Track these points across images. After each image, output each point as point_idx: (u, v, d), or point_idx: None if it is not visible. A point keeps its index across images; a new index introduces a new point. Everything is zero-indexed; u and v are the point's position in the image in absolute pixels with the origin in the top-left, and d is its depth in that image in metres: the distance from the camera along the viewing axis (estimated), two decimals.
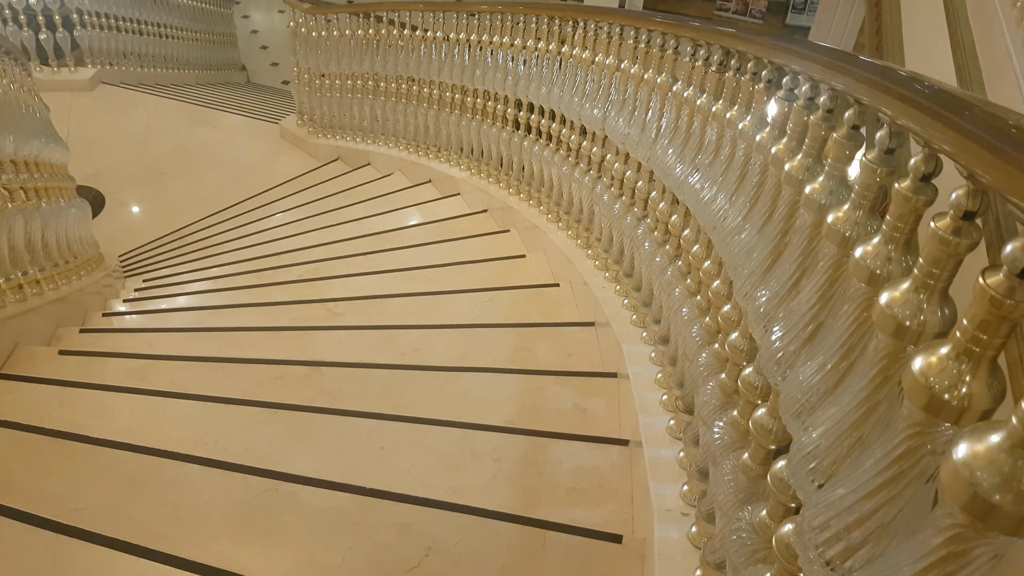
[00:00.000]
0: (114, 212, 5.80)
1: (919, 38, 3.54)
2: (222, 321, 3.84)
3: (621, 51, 3.26)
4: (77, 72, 7.22)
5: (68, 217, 4.01)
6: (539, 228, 4.23)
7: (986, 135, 0.78)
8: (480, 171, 5.05)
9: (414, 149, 5.76)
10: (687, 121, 2.57)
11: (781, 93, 1.72)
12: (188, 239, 5.35)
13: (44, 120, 4.26)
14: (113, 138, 6.61)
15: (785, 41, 1.70)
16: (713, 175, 2.26)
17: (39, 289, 3.42)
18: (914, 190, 1.01)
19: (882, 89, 1.09)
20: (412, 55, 5.40)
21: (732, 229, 1.97)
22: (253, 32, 12.17)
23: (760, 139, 1.82)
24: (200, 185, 6.15)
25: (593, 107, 3.53)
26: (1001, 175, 0.74)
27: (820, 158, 1.49)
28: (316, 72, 6.30)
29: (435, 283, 4.04)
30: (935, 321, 0.95)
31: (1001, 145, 0.74)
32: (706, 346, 2.21)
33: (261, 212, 5.60)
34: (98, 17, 7.35)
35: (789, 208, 1.61)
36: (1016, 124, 0.76)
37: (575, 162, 3.89)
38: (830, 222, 1.27)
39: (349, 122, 6.33)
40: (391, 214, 5.11)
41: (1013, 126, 0.76)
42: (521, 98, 4.38)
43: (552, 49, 3.98)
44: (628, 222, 3.23)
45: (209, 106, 7.67)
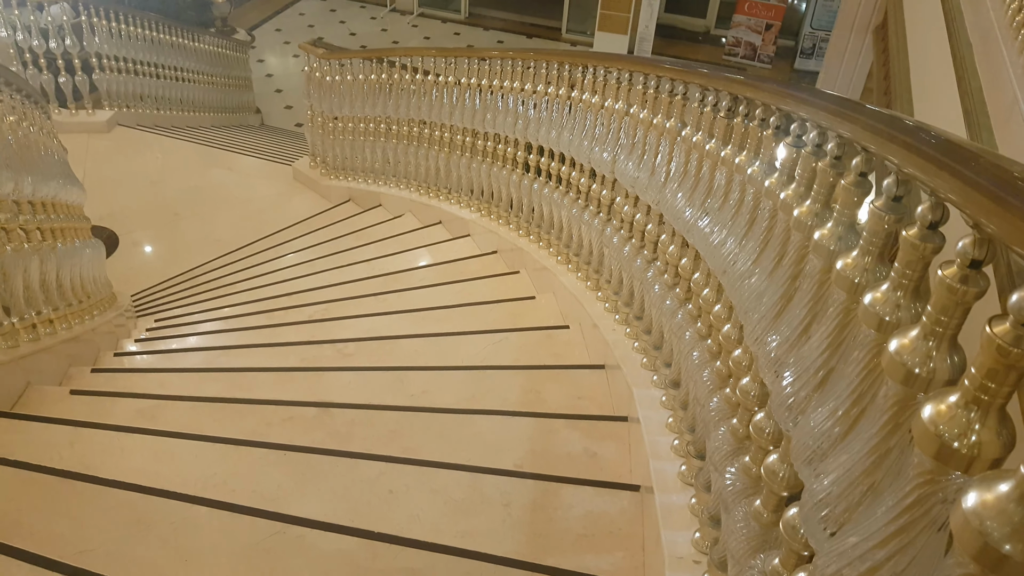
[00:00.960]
0: (128, 252, 5.86)
1: (927, 84, 3.57)
2: (232, 361, 3.85)
3: (630, 96, 3.30)
4: (95, 114, 7.35)
5: (83, 257, 4.05)
6: (549, 270, 4.25)
7: (991, 185, 0.79)
8: (490, 213, 5.08)
9: (425, 191, 5.82)
10: (696, 165, 2.59)
11: (789, 139, 1.74)
12: (200, 279, 5.39)
13: (62, 162, 4.33)
14: (128, 179, 6.70)
15: (792, 88, 1.72)
16: (723, 219, 2.27)
17: (52, 329, 3.45)
18: (921, 238, 1.01)
19: (888, 137, 1.11)
20: (424, 99, 5.48)
21: (742, 273, 1.97)
22: (268, 76, 12.38)
23: (769, 184, 1.83)
24: (213, 225, 6.21)
25: (603, 151, 3.56)
26: (1005, 225, 0.75)
27: (828, 204, 1.50)
28: (329, 115, 6.40)
29: (445, 324, 4.04)
30: (944, 368, 0.95)
31: (1005, 196, 0.75)
32: (717, 390, 2.20)
33: (273, 252, 5.64)
34: (117, 61, 7.49)
35: (798, 253, 1.62)
36: (1021, 175, 0.77)
37: (584, 205, 3.91)
38: (839, 268, 1.27)
39: (361, 164, 6.40)
40: (402, 255, 5.14)
41: (1019, 177, 0.77)
42: (531, 141, 4.43)
43: (562, 94, 4.04)
44: (638, 265, 3.24)
45: (223, 148, 7.78)
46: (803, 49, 12.79)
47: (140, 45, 7.79)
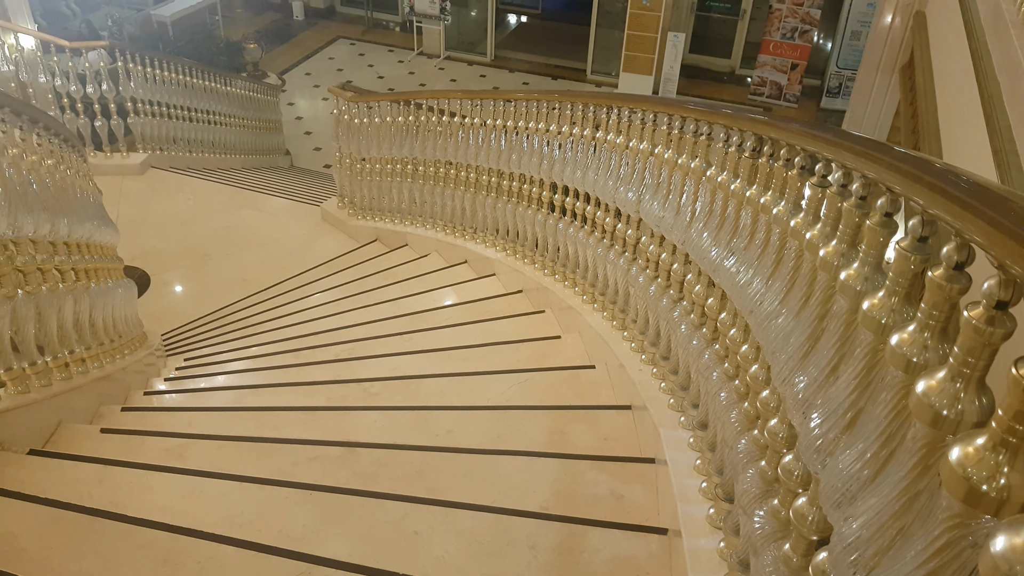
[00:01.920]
0: (159, 292, 5.95)
1: (955, 122, 3.55)
2: (260, 400, 3.87)
3: (655, 136, 3.32)
4: (129, 157, 7.52)
5: (115, 297, 4.12)
6: (574, 309, 4.24)
7: (1015, 227, 0.78)
8: (515, 252, 5.11)
9: (451, 231, 5.86)
10: (721, 205, 2.59)
11: (814, 179, 1.74)
12: (229, 318, 5.45)
13: (97, 204, 4.43)
14: (160, 220, 6.83)
15: (817, 129, 1.72)
16: (749, 259, 2.26)
17: (85, 368, 3.50)
18: (948, 278, 1.01)
19: (913, 178, 1.11)
20: (450, 140, 5.55)
21: (769, 313, 1.96)
22: (298, 118, 12.62)
23: (794, 224, 1.83)
24: (242, 265, 6.30)
25: (628, 190, 3.57)
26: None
27: (854, 244, 1.49)
28: (357, 156, 6.49)
29: (470, 364, 4.04)
30: (973, 410, 0.93)
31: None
32: (745, 432, 2.17)
33: (300, 292, 5.70)
34: (151, 105, 7.68)
35: (825, 293, 1.61)
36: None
37: (610, 244, 3.92)
38: (865, 309, 1.26)
39: (388, 204, 6.48)
40: (427, 294, 5.17)
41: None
42: (556, 181, 4.45)
43: (587, 134, 4.07)
44: (664, 304, 3.23)
45: (253, 189, 7.91)
46: (829, 88, 12.80)
47: (174, 89, 7.99)
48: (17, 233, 2.92)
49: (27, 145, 3.36)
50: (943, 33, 4.46)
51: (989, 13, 3.38)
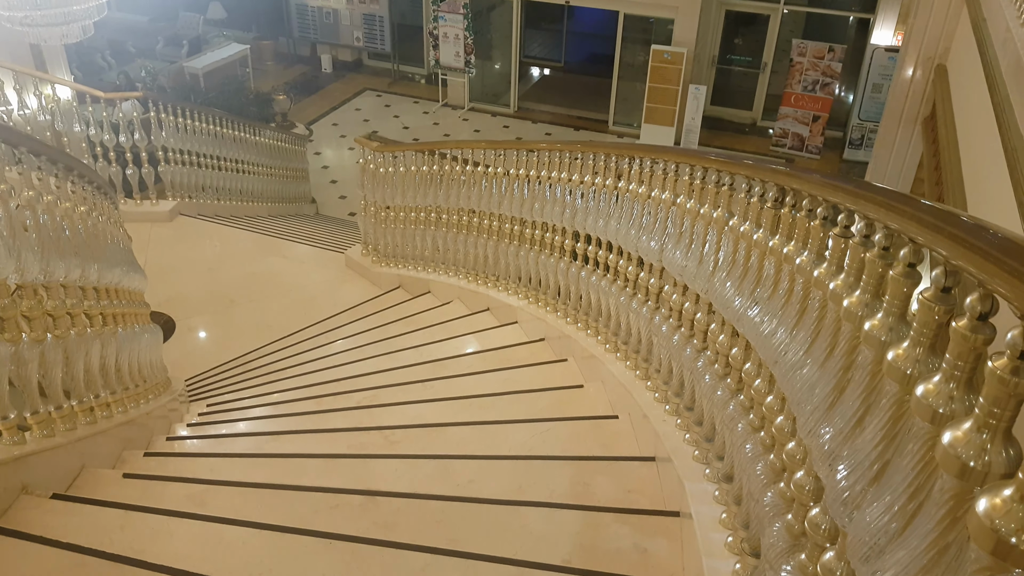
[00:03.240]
0: (184, 337, 6.01)
1: (979, 174, 3.55)
2: (281, 447, 3.87)
3: (677, 186, 3.34)
4: (158, 204, 7.67)
5: (141, 342, 4.16)
6: (597, 358, 4.23)
7: None
8: (538, 300, 5.11)
9: (473, 278, 5.89)
10: (744, 255, 2.59)
11: (837, 230, 1.74)
12: (252, 364, 5.48)
13: (126, 250, 4.51)
14: (187, 266, 6.93)
15: (839, 180, 1.73)
16: (772, 309, 2.25)
17: (109, 412, 3.53)
18: (972, 329, 1.00)
19: (935, 229, 1.11)
20: (473, 189, 5.61)
21: (794, 364, 1.95)
22: (324, 167, 12.83)
23: (818, 274, 1.82)
24: (266, 312, 6.35)
25: (650, 239, 3.58)
26: None
27: (878, 294, 1.49)
28: (381, 205, 6.58)
29: (492, 412, 4.03)
30: (1000, 462, 0.92)
31: None
32: (771, 484, 2.14)
33: (323, 339, 5.73)
34: (181, 154, 7.86)
35: (850, 344, 1.60)
36: None
37: (632, 292, 3.92)
38: (890, 360, 1.25)
39: (411, 252, 6.54)
40: (449, 342, 5.18)
41: None
42: (578, 230, 4.48)
43: (609, 184, 4.10)
44: (687, 354, 3.21)
45: (279, 236, 8.02)
46: (852, 140, 12.84)
47: (204, 139, 8.17)
48: (48, 278, 2.97)
49: (61, 192, 3.44)
50: (965, 86, 4.47)
51: (1010, 66, 3.39)
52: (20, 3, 5.65)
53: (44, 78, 7.14)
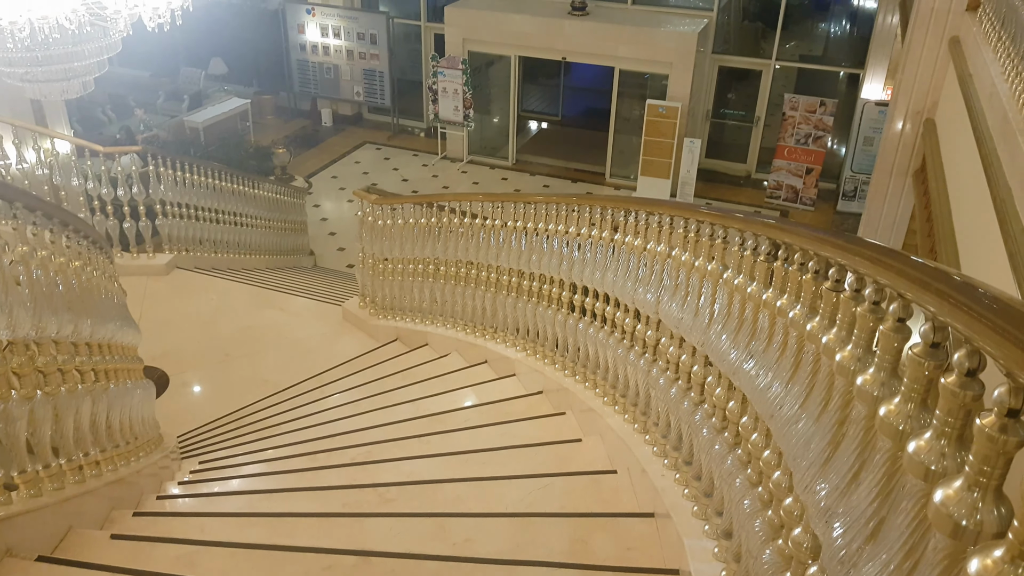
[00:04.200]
0: (177, 392, 5.96)
1: (970, 227, 3.56)
2: (273, 506, 3.81)
3: (672, 239, 3.35)
4: (155, 258, 7.68)
5: (133, 398, 4.13)
6: (595, 411, 4.19)
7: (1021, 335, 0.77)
8: (536, 352, 5.09)
9: (471, 330, 5.87)
10: (739, 308, 2.58)
11: (828, 284, 1.74)
12: (246, 420, 5.43)
13: (120, 304, 4.50)
14: (182, 320, 6.91)
15: (828, 234, 1.73)
16: (768, 362, 2.24)
17: (98, 471, 3.47)
18: (961, 385, 0.99)
19: (922, 285, 1.10)
20: (471, 241, 5.63)
21: (789, 418, 1.93)
22: (323, 220, 12.91)
23: (811, 328, 1.81)
24: (262, 366, 6.32)
25: (647, 292, 3.58)
26: None
27: (870, 348, 1.48)
28: (379, 257, 6.60)
29: (489, 468, 3.97)
30: (992, 520, 0.91)
31: None
32: (769, 542, 2.10)
33: (318, 393, 5.68)
34: (179, 207, 7.88)
35: (843, 398, 1.58)
36: None
37: (630, 344, 3.90)
38: (882, 415, 1.24)
39: (409, 304, 6.53)
40: (446, 395, 5.14)
41: None
42: (576, 282, 4.48)
43: (605, 236, 4.12)
44: (685, 407, 3.18)
45: (276, 289, 8.02)
46: (845, 192, 12.95)
47: (202, 192, 8.22)
48: (40, 334, 2.96)
49: (56, 247, 3.44)
50: (953, 140, 4.53)
51: (997, 121, 3.44)
52: (21, 59, 5.73)
53: (43, 132, 7.21)
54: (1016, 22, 3.69)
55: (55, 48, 5.68)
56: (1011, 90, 3.47)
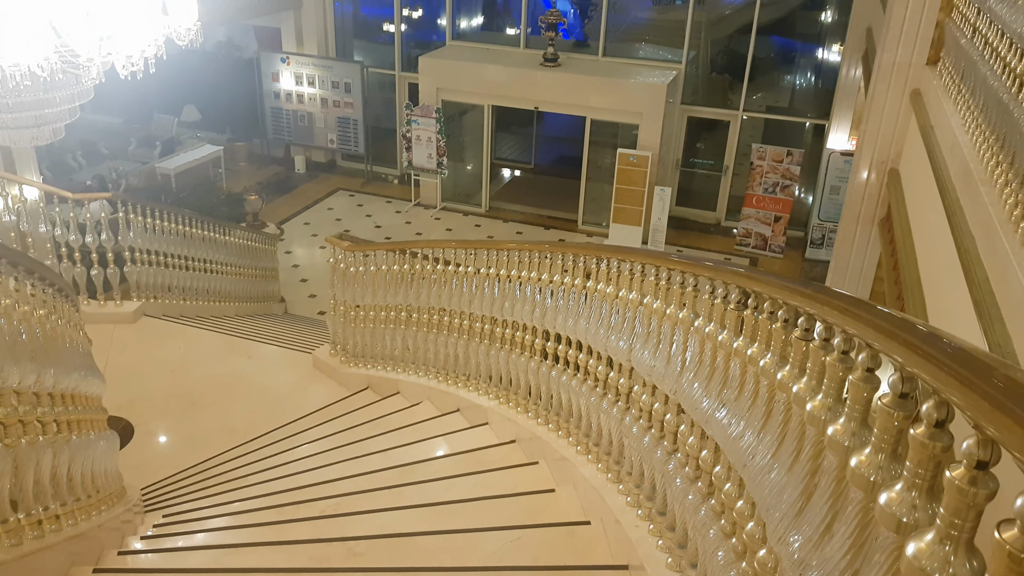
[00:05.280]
0: (142, 442, 5.83)
1: (935, 274, 3.63)
2: (239, 561, 3.70)
3: (643, 286, 3.37)
4: (122, 305, 7.56)
5: (96, 450, 4.02)
6: (568, 460, 4.15)
7: (988, 387, 0.78)
8: (509, 400, 5.06)
9: (443, 378, 5.83)
10: (711, 356, 2.59)
11: (797, 333, 1.75)
12: (212, 471, 5.31)
13: (85, 353, 4.41)
14: (149, 368, 6.79)
15: (796, 283, 1.75)
16: (739, 410, 2.24)
17: (58, 525, 3.36)
18: (930, 436, 0.99)
19: (889, 335, 1.11)
20: (444, 288, 5.62)
21: (761, 468, 1.92)
22: (295, 266, 12.84)
23: (781, 377, 1.82)
24: (230, 415, 6.21)
25: (619, 339, 3.59)
26: (1003, 429, 0.73)
27: (840, 398, 1.48)
28: (351, 304, 6.55)
29: (461, 519, 3.91)
30: (964, 574, 0.90)
31: (1005, 400, 0.74)
32: None
33: (287, 443, 5.58)
34: (148, 254, 7.79)
35: (815, 447, 1.58)
36: (1005, 377, 0.76)
37: (603, 393, 3.89)
38: (853, 466, 1.24)
39: (380, 351, 6.47)
40: (418, 444, 5.07)
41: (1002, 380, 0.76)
42: (549, 329, 4.48)
43: (578, 283, 4.13)
44: (658, 456, 3.16)
45: (246, 337, 7.92)
46: (813, 240, 13.16)
47: (172, 239, 8.14)
48: (1, 384, 2.88)
49: (20, 295, 3.38)
50: (917, 189, 4.63)
51: (959, 171, 3.52)
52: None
53: (11, 179, 7.13)
54: (975, 76, 3.81)
55: (26, 95, 5.63)
56: (972, 141, 3.56)
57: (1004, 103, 3.02)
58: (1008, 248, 2.45)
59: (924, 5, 5.37)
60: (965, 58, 4.15)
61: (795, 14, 15.30)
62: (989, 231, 2.73)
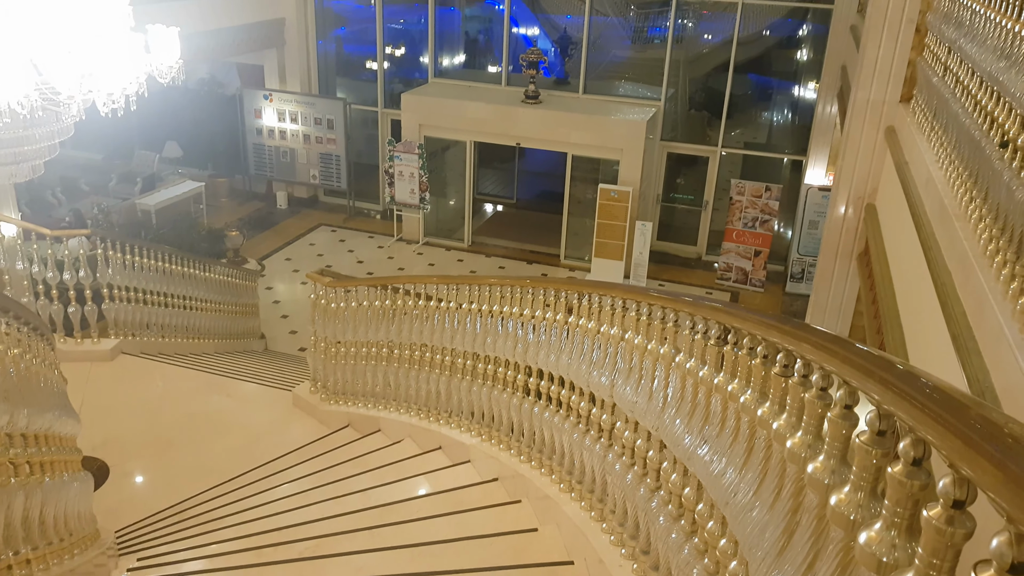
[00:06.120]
0: (118, 483, 5.71)
1: (913, 309, 3.65)
2: None
3: (625, 322, 3.37)
4: (99, 343, 7.46)
5: (70, 492, 3.94)
6: (551, 498, 4.11)
7: (963, 425, 0.77)
8: (491, 437, 5.01)
9: (425, 415, 5.78)
10: (692, 392, 2.58)
11: (776, 369, 1.74)
12: (189, 512, 5.20)
13: (60, 393, 4.34)
14: (126, 407, 6.68)
15: (775, 319, 1.75)
16: (721, 447, 2.23)
17: (29, 570, 3.27)
18: (907, 475, 0.99)
19: (865, 372, 1.11)
20: (426, 323, 5.59)
21: (743, 506, 1.90)
22: (275, 302, 12.76)
23: (761, 413, 1.81)
24: (207, 454, 6.11)
25: (601, 375, 3.58)
26: (977, 468, 0.73)
27: (820, 435, 1.48)
28: (332, 340, 6.50)
29: (443, 561, 3.85)
30: None
31: (978, 440, 0.73)
32: None
33: (266, 483, 5.49)
34: (127, 291, 7.72)
35: (796, 485, 1.57)
36: (980, 416, 0.76)
37: (586, 429, 3.87)
38: (833, 504, 1.23)
39: (361, 388, 6.41)
40: (399, 484, 5.01)
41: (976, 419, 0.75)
42: (531, 365, 4.46)
43: (560, 318, 4.12)
44: (641, 494, 3.14)
45: (224, 374, 7.83)
46: (793, 274, 13.26)
47: (151, 276, 8.07)
48: None
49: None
50: (894, 224, 4.69)
51: (934, 207, 3.57)
52: None
53: None
54: (947, 113, 3.87)
55: (5, 132, 5.60)
56: (945, 177, 3.61)
57: (976, 140, 3.08)
58: (984, 283, 2.47)
59: (896, 44, 5.48)
60: (937, 96, 4.23)
61: (771, 52, 15.58)
62: (965, 265, 2.75)
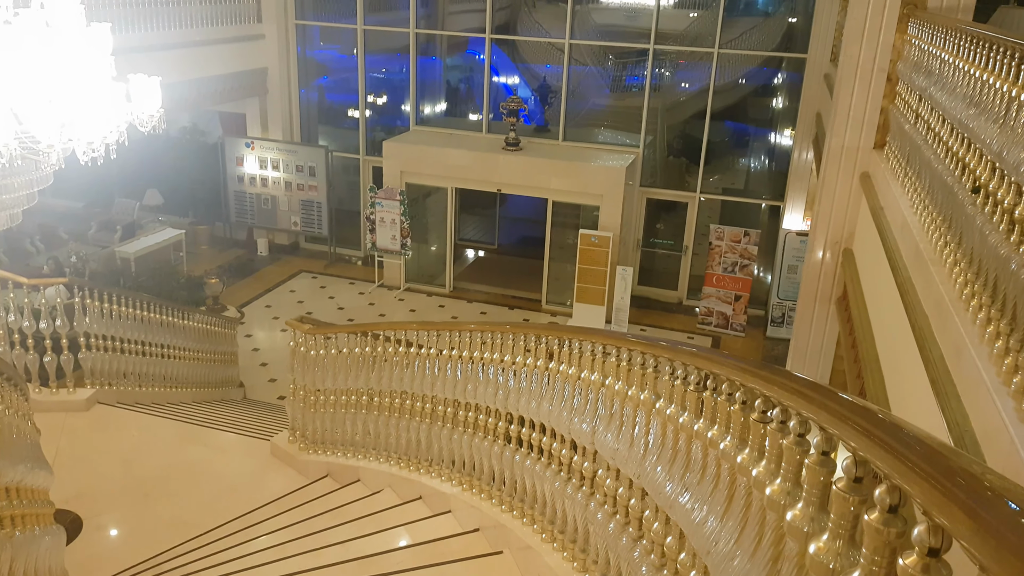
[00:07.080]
0: (91, 537, 5.57)
1: (892, 352, 3.67)
2: None
3: (605, 367, 3.35)
4: (75, 392, 7.35)
5: (40, 546, 3.83)
6: (533, 549, 4.05)
7: (936, 474, 0.77)
8: (472, 486, 4.95)
9: (405, 464, 5.70)
10: (672, 438, 2.56)
11: (755, 415, 1.74)
12: (164, 567, 5.07)
13: (33, 444, 4.25)
14: (101, 458, 6.55)
15: (752, 365, 1.75)
16: (702, 495, 2.20)
17: None
18: (884, 522, 0.98)
19: (841, 418, 1.11)
20: (407, 370, 5.55)
21: (725, 555, 1.88)
22: (255, 350, 12.64)
23: (741, 460, 1.80)
24: (183, 506, 5.98)
25: (582, 421, 3.55)
26: (950, 517, 0.72)
27: (798, 482, 1.47)
28: (312, 388, 6.43)
29: None
30: None
31: (951, 487, 0.73)
32: None
33: (242, 536, 5.37)
34: (104, 340, 7.63)
35: (776, 533, 1.55)
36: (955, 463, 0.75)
37: (567, 477, 3.83)
38: (812, 553, 1.22)
39: (341, 437, 6.33)
40: (378, 535, 4.91)
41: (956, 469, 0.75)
42: (512, 412, 4.43)
43: (540, 364, 4.10)
44: (623, 543, 3.09)
45: (202, 424, 7.71)
46: (773, 318, 13.34)
47: (129, 324, 7.99)
48: None
49: None
50: (871, 268, 4.74)
51: (910, 251, 3.61)
52: None
53: None
54: (920, 159, 3.95)
55: None
56: (920, 222, 3.67)
57: (948, 185, 3.13)
58: (960, 327, 2.49)
59: (869, 92, 5.61)
60: (909, 142, 4.32)
61: (747, 100, 15.89)
62: (941, 310, 2.78)
